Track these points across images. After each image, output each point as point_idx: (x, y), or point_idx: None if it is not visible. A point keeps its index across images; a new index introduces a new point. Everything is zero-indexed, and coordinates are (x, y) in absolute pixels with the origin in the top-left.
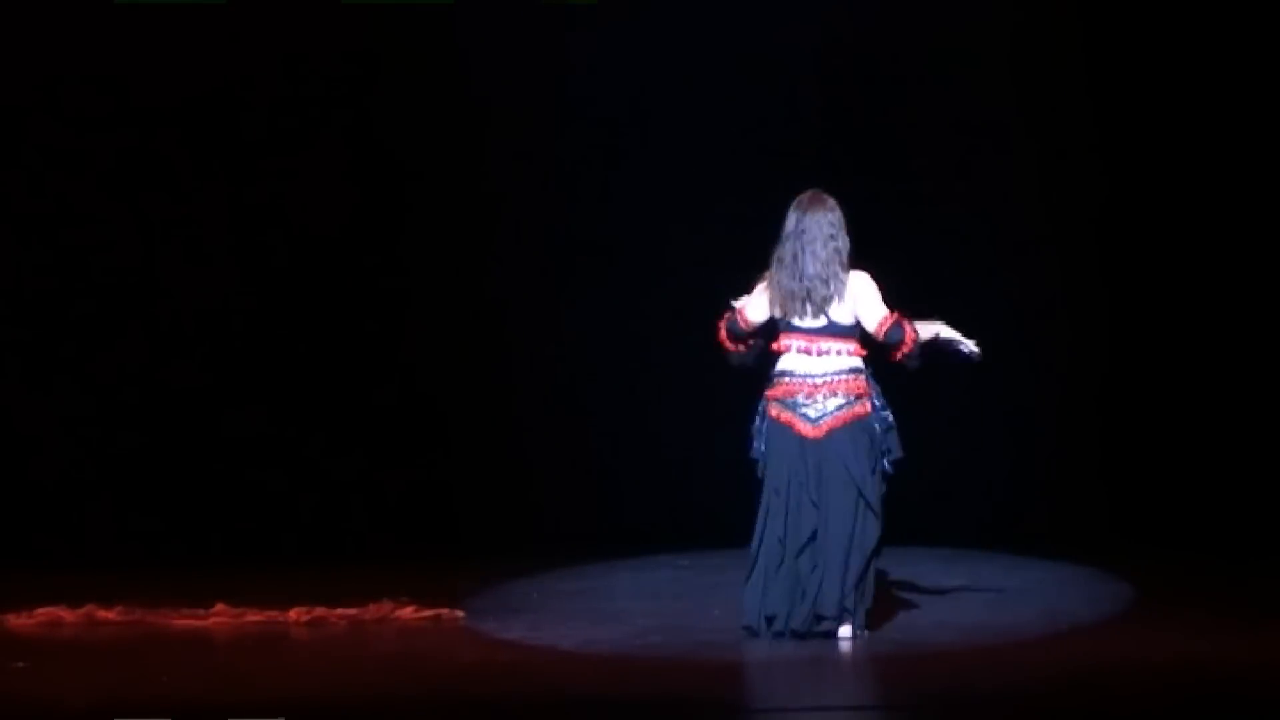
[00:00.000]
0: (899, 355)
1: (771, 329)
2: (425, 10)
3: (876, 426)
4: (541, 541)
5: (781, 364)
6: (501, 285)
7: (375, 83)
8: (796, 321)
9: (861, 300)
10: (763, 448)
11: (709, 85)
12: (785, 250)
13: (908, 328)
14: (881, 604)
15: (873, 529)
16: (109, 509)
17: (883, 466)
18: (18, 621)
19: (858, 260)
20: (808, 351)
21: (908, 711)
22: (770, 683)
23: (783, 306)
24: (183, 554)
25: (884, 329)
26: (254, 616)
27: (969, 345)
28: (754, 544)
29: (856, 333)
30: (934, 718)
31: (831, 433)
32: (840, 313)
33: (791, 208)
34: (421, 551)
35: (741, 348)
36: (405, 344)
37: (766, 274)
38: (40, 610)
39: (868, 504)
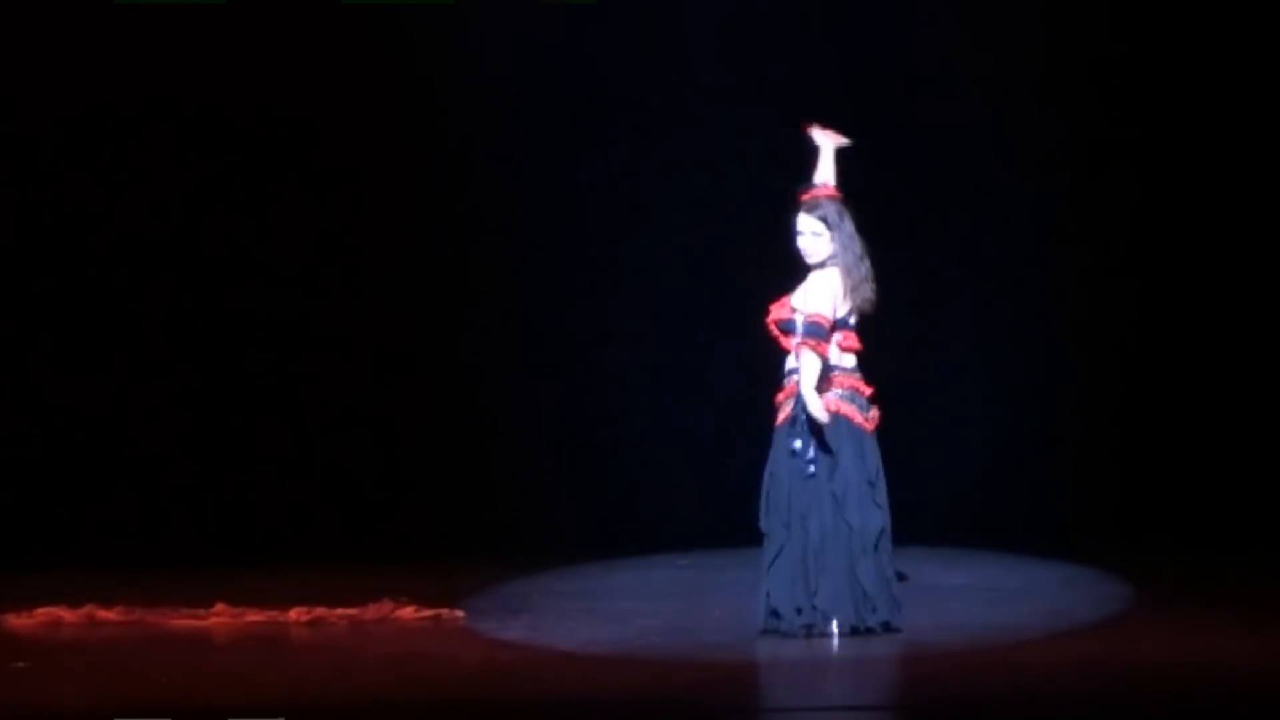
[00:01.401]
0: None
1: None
2: (425, 10)
3: None
4: (541, 541)
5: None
6: (502, 284)
7: (375, 83)
8: (852, 319)
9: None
10: (818, 439)
11: (709, 86)
12: (858, 248)
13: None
14: None
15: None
16: (109, 509)
17: None
18: (18, 621)
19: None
20: (848, 348)
21: (909, 712)
22: (771, 683)
23: (858, 305)
24: (183, 554)
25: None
26: (254, 616)
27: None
28: (785, 535)
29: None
30: (935, 718)
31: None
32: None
33: (834, 208)
34: (421, 551)
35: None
36: (405, 343)
37: (828, 273)
38: (40, 610)
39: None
